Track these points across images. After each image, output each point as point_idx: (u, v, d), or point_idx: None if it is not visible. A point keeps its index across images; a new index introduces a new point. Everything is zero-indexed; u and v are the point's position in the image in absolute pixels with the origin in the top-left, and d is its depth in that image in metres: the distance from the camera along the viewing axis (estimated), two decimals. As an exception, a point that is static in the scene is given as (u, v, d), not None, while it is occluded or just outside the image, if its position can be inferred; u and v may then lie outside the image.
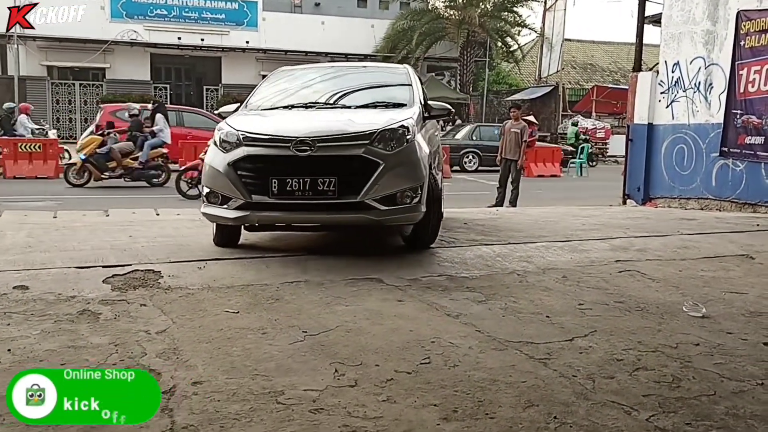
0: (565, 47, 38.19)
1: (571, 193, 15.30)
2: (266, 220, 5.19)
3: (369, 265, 5.02)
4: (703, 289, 4.64)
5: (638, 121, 11.63)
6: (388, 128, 5.09)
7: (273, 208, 4.99)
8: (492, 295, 4.32)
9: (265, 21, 28.28)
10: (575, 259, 5.48)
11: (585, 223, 7.80)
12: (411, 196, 5.08)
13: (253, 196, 4.97)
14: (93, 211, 9.31)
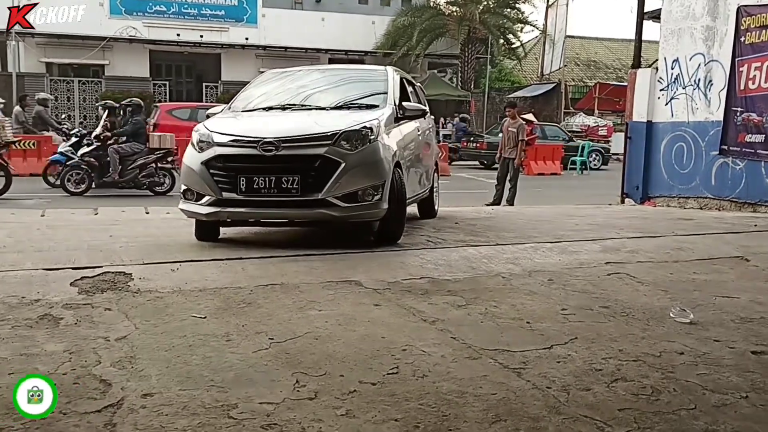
0: (568, 44, 37.96)
1: (570, 192, 15.14)
2: (235, 216, 5.50)
3: (350, 266, 4.88)
4: (693, 293, 4.49)
5: (637, 118, 11.46)
6: (350, 129, 5.37)
7: (241, 205, 5.34)
8: (473, 299, 4.17)
9: (264, 17, 28.12)
10: (564, 261, 5.33)
11: (579, 223, 7.64)
12: (372, 193, 5.35)
13: (224, 194, 5.32)
14: (82, 210, 9.23)
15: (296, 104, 6.29)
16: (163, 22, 26.79)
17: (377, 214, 5.49)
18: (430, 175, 7.70)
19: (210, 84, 27.77)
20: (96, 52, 25.73)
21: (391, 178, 5.52)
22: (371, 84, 6.61)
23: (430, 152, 7.90)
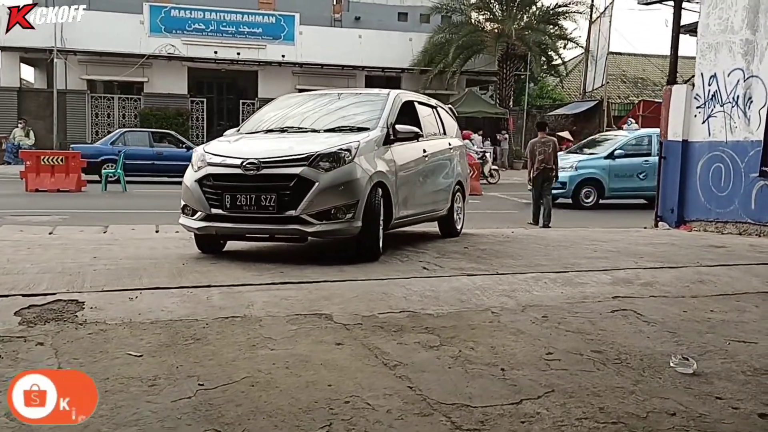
0: (614, 61, 37.09)
1: (605, 213, 14.45)
2: (221, 230, 5.88)
3: (327, 296, 4.50)
4: (704, 336, 3.96)
5: (672, 137, 10.82)
6: (326, 152, 5.68)
7: (226, 220, 5.73)
8: (450, 338, 3.74)
9: (302, 35, 28.12)
10: (566, 295, 4.84)
11: (598, 249, 7.11)
12: (345, 211, 5.61)
13: (212, 210, 5.73)
14: (93, 227, 9.11)
15: (294, 127, 6.63)
16: (201, 40, 27.02)
17: (350, 232, 5.71)
18: (449, 194, 7.82)
19: (247, 101, 27.84)
20: (135, 69, 26.06)
21: (369, 197, 5.73)
22: (370, 107, 6.80)
23: (449, 172, 7.89)
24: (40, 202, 12.82)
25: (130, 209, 12.41)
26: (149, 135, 19.24)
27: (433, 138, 7.61)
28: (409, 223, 7.22)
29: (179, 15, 26.97)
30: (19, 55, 25.99)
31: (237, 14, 27.64)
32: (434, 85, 28.47)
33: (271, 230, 5.76)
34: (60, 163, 15.03)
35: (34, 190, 14.65)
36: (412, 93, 8.23)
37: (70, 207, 12.21)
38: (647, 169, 14.21)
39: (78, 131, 25.70)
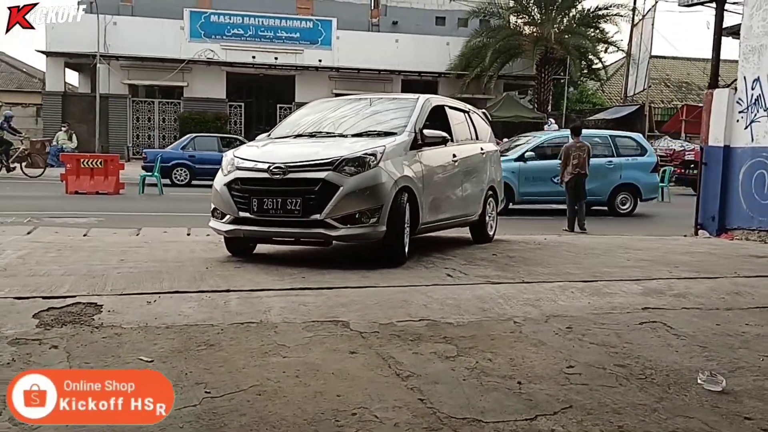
0: (657, 65, 36.36)
1: (644, 221, 14.10)
2: (248, 233, 5.93)
3: (346, 303, 4.43)
4: (737, 352, 3.77)
5: (713, 143, 10.50)
6: (351, 156, 5.68)
7: (253, 224, 5.78)
8: (468, 349, 3.63)
9: (339, 39, 28.24)
10: (593, 305, 4.69)
11: (631, 257, 6.91)
12: (369, 216, 5.62)
13: (240, 213, 5.80)
14: (126, 230, 9.21)
15: (322, 132, 6.68)
16: (239, 45, 27.35)
17: (374, 236, 5.72)
18: (480, 199, 7.76)
19: (284, 105, 28.05)
20: (175, 74, 26.51)
21: (394, 202, 5.75)
22: (398, 112, 6.76)
23: (480, 177, 7.84)
24: (78, 204, 13.04)
25: (166, 212, 12.53)
26: (218, 140, 19.72)
27: (465, 143, 7.56)
28: (438, 229, 7.18)
29: (218, 20, 27.34)
30: (64, 60, 26.63)
31: (275, 19, 27.90)
32: (471, 89, 28.29)
33: (297, 234, 5.80)
34: (99, 166, 15.30)
35: (74, 192, 14.92)
36: (443, 97, 8.20)
37: (108, 209, 12.40)
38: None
39: (119, 135, 26.25)
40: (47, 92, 26.45)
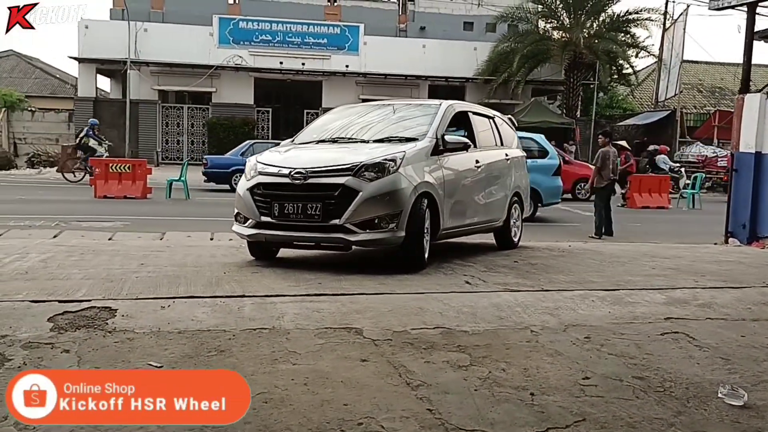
0: (690, 70, 35.79)
1: (674, 228, 13.85)
2: (270, 237, 5.99)
3: (360, 310, 4.39)
4: (761, 365, 3.65)
5: (744, 149, 10.26)
6: (371, 162, 5.71)
7: (275, 228, 5.85)
8: (481, 358, 3.56)
9: (366, 45, 28.27)
10: (613, 314, 4.58)
11: (657, 266, 6.76)
12: (388, 221, 5.64)
13: (262, 217, 5.88)
14: (151, 234, 9.29)
15: (344, 138, 6.70)
16: (267, 51, 27.52)
17: (393, 241, 5.75)
18: (504, 205, 7.75)
19: (311, 111, 28.16)
20: (204, 80, 26.77)
21: (413, 207, 5.75)
22: (421, 119, 6.76)
23: (505, 183, 7.80)
24: (106, 209, 13.21)
25: (192, 216, 12.62)
26: (274, 146, 19.75)
27: (489, 149, 7.55)
28: (459, 234, 7.16)
29: (247, 27, 27.57)
30: (96, 66, 27.08)
31: (302, 25, 28.04)
32: (498, 94, 28.11)
33: (317, 238, 5.84)
34: (127, 171, 15.49)
35: (102, 196, 15.12)
36: (467, 103, 8.19)
37: (135, 213, 12.52)
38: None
39: (149, 140, 26.58)
40: (79, 98, 26.89)
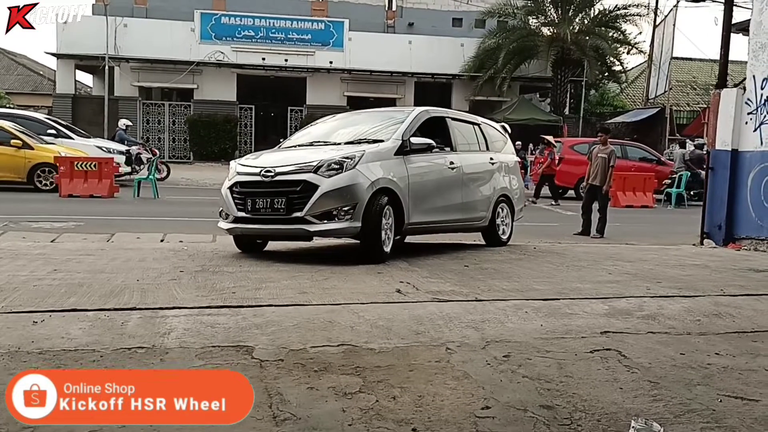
0: (685, 67, 35.36)
1: (654, 228, 13.44)
2: (244, 231, 6.67)
3: (265, 323, 3.97)
4: (693, 390, 3.23)
5: (720, 146, 9.87)
6: (331, 160, 6.29)
7: (248, 222, 6.50)
8: (375, 383, 3.14)
9: (351, 41, 27.82)
10: (545, 328, 4.16)
11: (615, 271, 6.36)
12: (344, 213, 6.17)
13: (239, 213, 6.51)
14: (99, 235, 8.87)
15: (320, 141, 7.26)
16: (250, 47, 27.05)
17: (349, 232, 6.29)
18: (489, 206, 8.24)
19: (295, 108, 27.73)
20: (185, 76, 26.31)
21: (370, 201, 6.23)
22: (393, 123, 7.25)
23: (488, 184, 8.28)
24: (67, 208, 12.76)
25: (155, 216, 12.16)
26: None
27: (469, 152, 8.07)
28: (433, 231, 7.82)
29: (229, 22, 27.11)
30: (75, 62, 26.61)
31: (286, 21, 27.58)
32: (485, 91, 27.69)
33: (281, 230, 6.42)
34: (93, 169, 15.03)
35: (67, 195, 14.68)
36: (445, 110, 8.58)
37: (95, 213, 12.08)
38: None
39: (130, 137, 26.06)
40: (57, 94, 26.43)
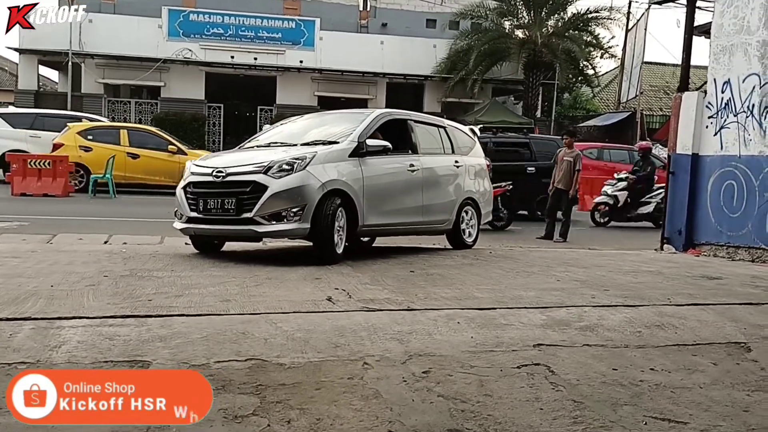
0: (659, 72, 35.53)
1: (621, 233, 13.33)
2: (196, 231, 6.64)
3: (170, 335, 3.67)
4: (619, 410, 2.99)
5: (681, 150, 9.72)
6: (281, 161, 6.28)
7: (200, 222, 6.47)
8: (273, 404, 2.87)
9: (322, 40, 27.51)
10: (475, 340, 3.90)
11: (565, 277, 6.14)
12: (293, 214, 6.16)
13: (191, 213, 6.51)
14: (40, 236, 8.51)
15: (278, 142, 7.24)
16: (219, 45, 26.64)
17: (298, 233, 6.30)
18: (453, 209, 8.20)
19: (265, 107, 27.33)
20: (152, 73, 25.82)
21: (320, 202, 6.22)
22: (350, 124, 7.22)
23: (453, 187, 8.24)
24: (15, 207, 12.34)
25: (107, 216, 11.80)
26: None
27: (433, 155, 8.03)
28: (391, 233, 7.88)
29: (198, 19, 26.68)
30: (38, 57, 25.99)
31: (256, 19, 27.21)
32: (457, 93, 27.53)
33: (232, 231, 6.40)
34: (47, 167, 14.58)
35: (20, 194, 14.24)
36: (407, 112, 8.50)
37: (45, 213, 11.67)
38: None
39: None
40: (19, 90, 25.81)
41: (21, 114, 18.24)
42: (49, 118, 17.99)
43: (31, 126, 17.27)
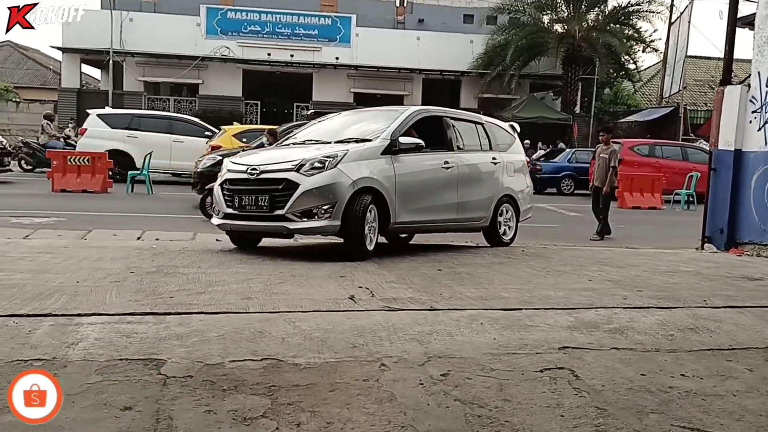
0: (703, 66, 34.63)
1: (661, 231, 12.97)
2: (231, 227, 6.81)
3: (187, 333, 3.64)
4: (645, 419, 2.85)
5: (723, 146, 9.40)
6: (312, 158, 6.35)
7: (235, 218, 6.64)
8: (285, 405, 2.81)
9: (358, 37, 27.47)
10: (498, 342, 3.79)
11: (598, 277, 5.97)
12: (324, 211, 6.22)
13: (227, 209, 6.68)
14: (76, 231, 8.65)
15: (313, 140, 7.31)
16: (256, 42, 26.83)
17: (329, 230, 6.39)
18: (489, 206, 8.14)
19: (301, 104, 27.43)
20: (191, 71, 26.11)
21: (351, 200, 6.26)
22: (384, 122, 7.20)
23: (490, 184, 8.18)
24: (55, 203, 12.56)
25: (144, 213, 11.93)
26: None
27: (469, 152, 7.99)
28: (424, 230, 7.97)
29: (235, 17, 26.91)
30: (80, 56, 26.51)
31: (292, 16, 27.32)
32: (494, 88, 27.22)
33: (264, 227, 6.57)
34: (86, 164, 14.83)
35: (60, 190, 14.49)
36: (444, 108, 8.42)
37: (83, 209, 11.86)
38: None
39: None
40: (63, 89, 26.36)
41: (118, 114, 18.75)
42: (144, 119, 18.50)
43: (128, 126, 17.60)
